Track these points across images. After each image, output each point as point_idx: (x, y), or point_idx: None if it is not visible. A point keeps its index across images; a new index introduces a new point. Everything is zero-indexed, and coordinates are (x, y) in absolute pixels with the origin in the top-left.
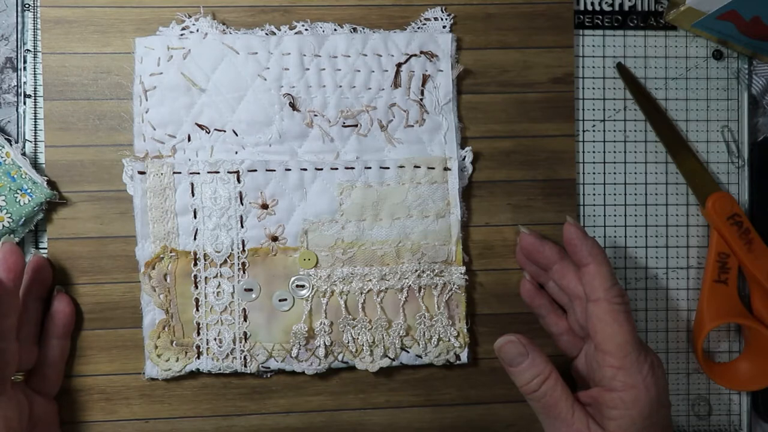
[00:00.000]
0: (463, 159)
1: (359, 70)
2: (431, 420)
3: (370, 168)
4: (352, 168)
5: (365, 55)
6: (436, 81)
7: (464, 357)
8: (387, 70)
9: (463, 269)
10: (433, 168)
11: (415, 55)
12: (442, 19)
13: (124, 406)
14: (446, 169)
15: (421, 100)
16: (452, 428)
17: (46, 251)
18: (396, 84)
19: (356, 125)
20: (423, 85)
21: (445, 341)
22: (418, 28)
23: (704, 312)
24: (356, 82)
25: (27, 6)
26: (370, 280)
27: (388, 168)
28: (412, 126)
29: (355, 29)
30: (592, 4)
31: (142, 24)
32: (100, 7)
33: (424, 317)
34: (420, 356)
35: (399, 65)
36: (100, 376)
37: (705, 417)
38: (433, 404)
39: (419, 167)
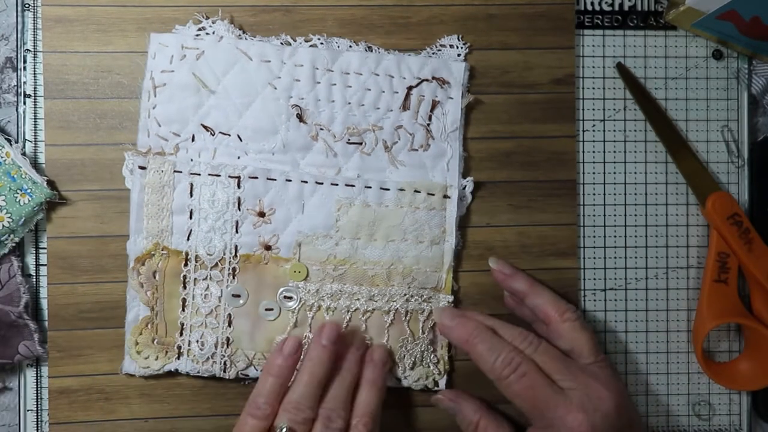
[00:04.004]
0: (464, 188)
1: (370, 89)
2: (431, 420)
3: (370, 187)
4: (353, 185)
5: (377, 75)
6: (445, 108)
7: (442, 384)
8: (397, 92)
9: (450, 298)
10: (433, 194)
11: (427, 80)
12: (457, 47)
13: (123, 406)
14: (446, 196)
15: (428, 125)
16: (452, 428)
17: (45, 251)
18: (405, 107)
19: (361, 143)
20: (432, 110)
21: (425, 367)
22: (433, 53)
23: (704, 312)
24: (365, 101)
25: (27, 6)
26: (358, 299)
27: (388, 189)
28: (417, 150)
29: (370, 48)
30: (592, 4)
31: (144, 23)
32: (101, 6)
33: (408, 341)
34: (399, 379)
35: (410, 88)
36: (100, 376)
37: (705, 417)
38: (433, 404)
39: (419, 192)
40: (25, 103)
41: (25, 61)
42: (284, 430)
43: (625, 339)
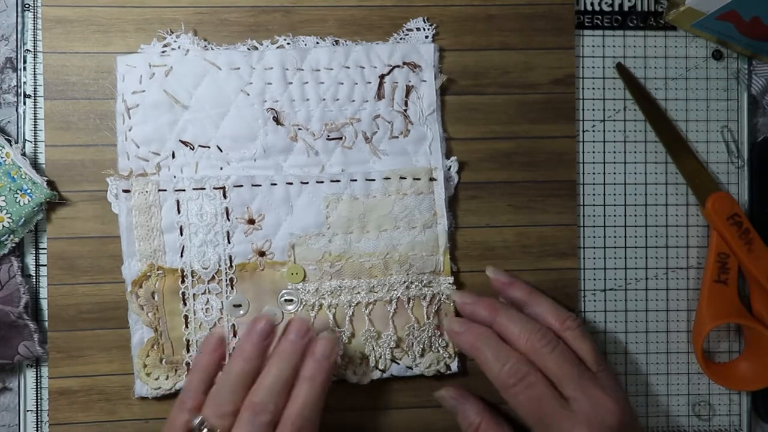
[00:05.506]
0: (449, 169)
1: (342, 83)
2: (431, 421)
3: (355, 180)
4: (338, 181)
5: (348, 68)
6: (420, 91)
7: (454, 367)
8: (370, 82)
9: (451, 279)
10: (419, 179)
11: (398, 66)
12: (424, 30)
13: (124, 406)
14: (432, 179)
15: (405, 111)
16: (452, 429)
17: (45, 251)
18: (379, 95)
19: (341, 138)
20: (407, 96)
21: (435, 352)
22: (401, 38)
23: (704, 312)
24: (340, 95)
25: (27, 6)
26: (359, 292)
27: (374, 180)
28: (397, 137)
29: (337, 42)
30: (592, 4)
31: (144, 24)
32: (101, 6)
33: (414, 328)
34: (410, 367)
35: (382, 77)
36: (100, 376)
37: (705, 417)
38: (433, 405)
39: (405, 178)
40: (25, 104)
41: (25, 62)
42: (197, 422)
43: (625, 339)
